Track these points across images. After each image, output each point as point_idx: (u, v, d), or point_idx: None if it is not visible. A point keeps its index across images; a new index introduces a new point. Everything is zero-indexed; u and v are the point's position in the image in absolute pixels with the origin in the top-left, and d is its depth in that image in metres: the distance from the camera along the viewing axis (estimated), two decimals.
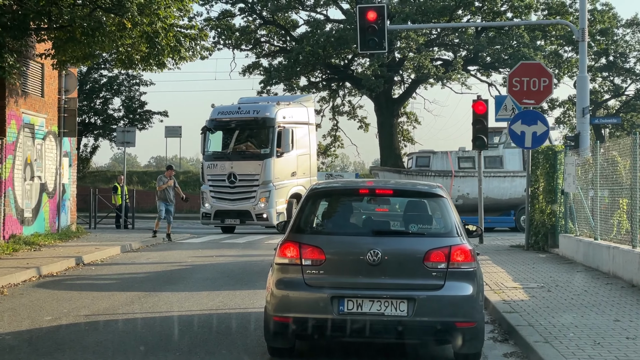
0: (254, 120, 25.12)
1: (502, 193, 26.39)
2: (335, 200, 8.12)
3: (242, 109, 25.54)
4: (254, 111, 25.35)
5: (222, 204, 24.92)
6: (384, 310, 7.06)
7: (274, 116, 24.98)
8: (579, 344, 7.77)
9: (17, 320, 9.49)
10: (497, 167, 28.00)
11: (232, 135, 25.70)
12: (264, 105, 25.81)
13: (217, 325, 9.35)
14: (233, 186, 24.71)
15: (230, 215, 25.02)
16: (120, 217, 27.52)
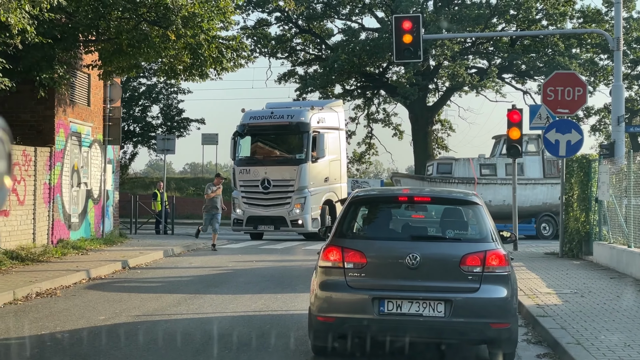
0: (288, 125, 24.71)
1: (523, 200, 26.43)
2: (375, 207, 8.55)
3: (275, 113, 25.15)
4: (288, 116, 24.95)
5: (255, 209, 24.63)
6: (422, 311, 7.45)
7: (308, 121, 24.66)
8: (609, 346, 8.08)
9: (73, 320, 10.04)
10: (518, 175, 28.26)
11: (265, 140, 25.55)
12: (298, 110, 25.36)
13: (262, 326, 9.79)
14: (267, 192, 24.35)
15: (263, 222, 24.73)
16: (160, 222, 28.17)
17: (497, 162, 28.70)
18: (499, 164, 28.67)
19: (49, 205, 17.58)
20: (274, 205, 24.40)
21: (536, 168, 28.55)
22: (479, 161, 28.88)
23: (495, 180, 28.03)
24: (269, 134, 25.47)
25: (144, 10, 16.54)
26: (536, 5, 41.53)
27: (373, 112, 50.17)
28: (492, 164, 28.76)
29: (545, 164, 28.89)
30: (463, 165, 28.99)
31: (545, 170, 28.94)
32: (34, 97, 17.32)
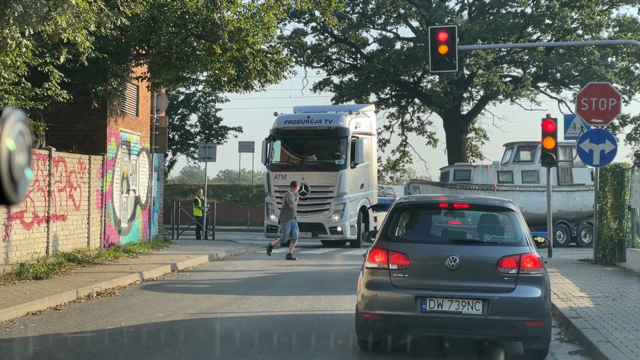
0: (327, 130, 24.26)
1: (540, 207, 26.49)
2: (416, 213, 9.22)
3: (312, 118, 24.65)
4: (327, 120, 24.49)
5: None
6: (462, 309, 8.08)
7: (347, 126, 24.26)
8: (638, 344, 8.63)
9: (134, 316, 10.82)
10: (535, 182, 28.49)
11: (301, 144, 25.15)
12: (337, 115, 24.90)
13: (309, 324, 10.48)
14: (304, 197, 23.59)
15: (300, 228, 22.85)
16: (200, 228, 29.00)
17: (514, 168, 29.04)
18: (516, 170, 29.02)
19: (101, 211, 18.49)
20: (311, 212, 23.90)
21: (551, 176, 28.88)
22: (497, 168, 29.09)
23: (514, 187, 28.36)
24: (306, 138, 25.05)
25: (192, 25, 17.38)
26: (571, 14, 41.80)
27: (407, 120, 50.71)
28: (509, 170, 29.03)
29: (560, 171, 29.12)
30: (482, 172, 29.18)
31: (560, 178, 29.14)
32: (87, 107, 18.25)
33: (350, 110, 25.64)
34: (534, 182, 28.53)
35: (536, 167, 28.71)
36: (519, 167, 28.92)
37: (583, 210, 28.27)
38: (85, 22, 10.85)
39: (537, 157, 29.33)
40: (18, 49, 11.17)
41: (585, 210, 27.92)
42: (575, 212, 28.54)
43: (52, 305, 11.46)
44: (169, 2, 16.93)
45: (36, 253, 15.24)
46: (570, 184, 28.83)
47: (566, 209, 27.97)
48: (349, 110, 25.37)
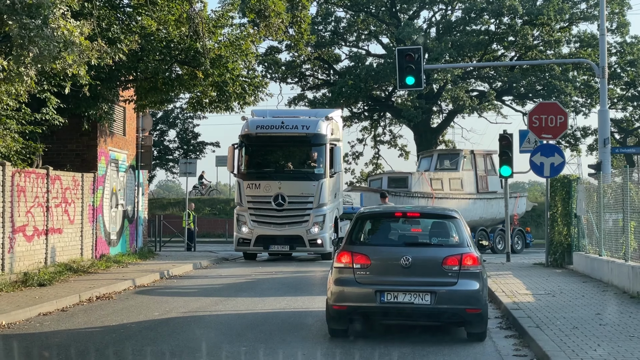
0: (304, 136, 22.83)
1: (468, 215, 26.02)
2: (377, 220, 10.91)
3: (286, 123, 23.10)
4: (303, 126, 22.96)
5: (266, 228, 22.66)
6: (414, 300, 9.75)
7: (325, 132, 22.94)
8: (561, 328, 10.35)
9: (133, 315, 12.37)
10: (459, 189, 29.86)
11: (276, 152, 23.83)
12: (314, 121, 23.31)
13: (286, 319, 12.09)
14: (281, 209, 22.47)
15: (276, 242, 22.76)
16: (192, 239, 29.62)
17: (443, 176, 30.27)
18: (444, 178, 29.95)
19: (93, 225, 19.97)
20: (289, 224, 22.64)
21: (472, 183, 30.22)
22: (429, 175, 29.62)
23: (448, 195, 29.57)
24: (280, 145, 23.53)
25: (176, 53, 18.96)
26: (532, 32, 43.91)
27: (380, 133, 52.52)
28: (439, 178, 29.69)
29: (479, 180, 30.55)
30: (418, 179, 29.53)
31: (479, 186, 30.60)
32: (79, 129, 19.78)
33: (327, 115, 24.24)
34: (458, 190, 29.82)
35: (460, 175, 30.10)
36: (447, 174, 29.93)
37: (497, 217, 29.74)
38: (87, 59, 12.41)
39: (460, 165, 30.76)
40: (23, 80, 12.69)
41: (499, 217, 29.28)
42: (491, 219, 29.94)
43: (59, 307, 12.97)
44: (155, 32, 18.50)
45: (37, 263, 16.72)
46: (486, 191, 30.36)
47: (485, 216, 29.43)
48: (325, 116, 23.97)
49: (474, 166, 30.64)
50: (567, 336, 9.79)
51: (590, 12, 45.34)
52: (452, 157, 31.75)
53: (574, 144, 49.60)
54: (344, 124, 51.24)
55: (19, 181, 16.14)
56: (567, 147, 50.22)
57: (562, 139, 49.19)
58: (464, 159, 30.89)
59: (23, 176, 16.32)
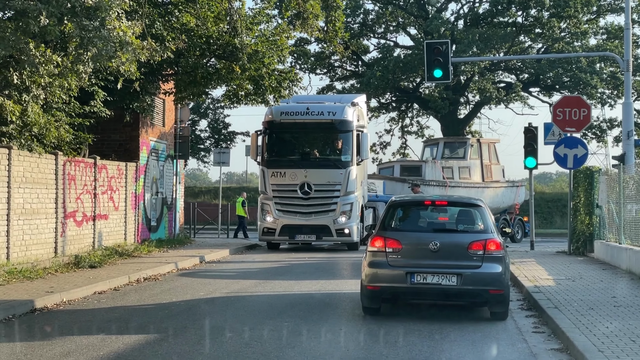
0: (330, 123, 22.31)
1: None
2: (407, 208, 11.80)
3: (311, 109, 22.50)
4: (329, 112, 22.45)
5: (291, 217, 22.22)
6: (441, 281, 10.63)
7: (351, 118, 22.45)
8: (578, 309, 11.17)
9: (180, 295, 13.38)
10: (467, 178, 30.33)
11: (301, 139, 23.26)
12: (340, 107, 22.80)
13: (322, 300, 13.03)
14: (307, 197, 22.05)
15: (302, 231, 22.30)
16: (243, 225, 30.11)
17: (453, 165, 30.80)
18: (454, 167, 30.46)
19: (135, 211, 21.06)
20: (316, 213, 22.19)
21: (478, 172, 30.66)
22: (441, 164, 30.08)
23: (459, 183, 30.17)
24: (306, 132, 22.95)
25: (215, 48, 19.93)
26: (560, 24, 44.32)
27: (407, 124, 53.28)
28: (450, 167, 30.15)
29: (484, 168, 31.00)
30: (432, 167, 29.95)
31: (484, 175, 31.06)
32: (122, 120, 20.82)
33: (352, 101, 23.71)
34: (466, 178, 30.31)
35: (468, 164, 30.54)
36: (456, 163, 30.40)
37: (502, 206, 30.39)
38: (138, 57, 13.40)
39: (467, 154, 31.20)
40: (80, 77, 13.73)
41: (503, 206, 29.97)
42: (496, 207, 30.33)
43: (111, 287, 14.03)
44: (195, 28, 19.47)
45: (86, 247, 17.83)
46: (491, 180, 30.94)
47: (491, 205, 30.21)
48: (351, 102, 23.43)
49: (479, 155, 31.16)
50: (583, 315, 10.62)
51: (617, 4, 45.63)
52: (459, 145, 32.09)
53: (600, 135, 49.94)
54: (372, 114, 52.19)
55: (70, 170, 17.23)
56: (593, 139, 50.61)
57: (589, 130, 49.62)
58: (471, 147, 31.35)
59: (73, 165, 17.41)
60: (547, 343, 9.41)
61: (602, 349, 8.28)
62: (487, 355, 8.74)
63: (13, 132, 15.15)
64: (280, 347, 8.98)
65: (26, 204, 15.32)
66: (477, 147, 31.42)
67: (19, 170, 15.02)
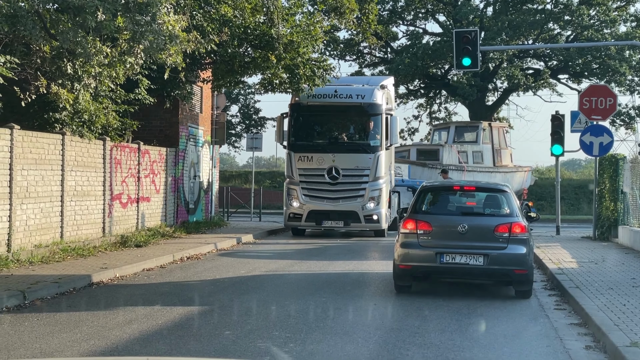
0: (359, 106, 21.78)
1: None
2: (437, 193, 12.58)
3: (339, 92, 21.94)
4: (358, 95, 21.94)
5: (318, 203, 21.75)
6: (469, 261, 11.41)
7: (380, 102, 21.86)
8: (598, 289, 11.89)
9: (223, 272, 14.28)
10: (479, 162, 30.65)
11: (328, 122, 22.69)
12: (369, 90, 22.22)
13: (356, 279, 13.85)
14: (335, 182, 21.56)
15: (330, 217, 21.80)
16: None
17: (467, 149, 31.03)
18: (469, 151, 30.64)
19: (174, 194, 22.01)
20: (343, 198, 21.73)
21: (490, 157, 30.92)
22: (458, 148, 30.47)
23: (476, 168, 30.50)
24: (334, 115, 22.42)
25: (252, 38, 20.73)
26: (589, 12, 44.54)
27: (435, 110, 53.83)
28: (464, 151, 30.37)
29: (495, 153, 31.20)
30: (448, 152, 30.15)
31: (495, 160, 31.29)
32: (162, 107, 21.70)
33: (381, 84, 22.94)
34: (479, 163, 30.60)
35: (481, 148, 30.78)
36: (470, 147, 30.66)
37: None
38: (185, 49, 14.25)
39: (480, 138, 31.42)
40: (133, 68, 14.62)
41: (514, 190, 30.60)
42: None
43: (158, 264, 14.97)
44: (233, 19, 20.27)
45: (130, 227, 18.82)
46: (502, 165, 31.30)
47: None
48: (380, 85, 22.74)
49: (491, 139, 31.51)
50: (602, 294, 11.34)
51: None
52: (472, 129, 32.35)
53: (628, 122, 50.14)
54: (400, 100, 52.84)
55: (116, 154, 18.19)
56: (621, 126, 50.81)
57: (617, 117, 49.85)
58: (484, 131, 31.68)
59: (119, 150, 18.37)
60: (567, 319, 10.15)
61: (617, 323, 9.01)
62: (511, 328, 9.50)
63: (65, 119, 16.10)
64: (321, 319, 9.83)
65: (77, 187, 16.30)
66: (488, 131, 31.75)
67: (71, 155, 15.99)
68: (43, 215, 14.94)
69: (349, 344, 8.31)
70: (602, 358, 7.97)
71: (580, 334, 9.14)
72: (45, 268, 13.14)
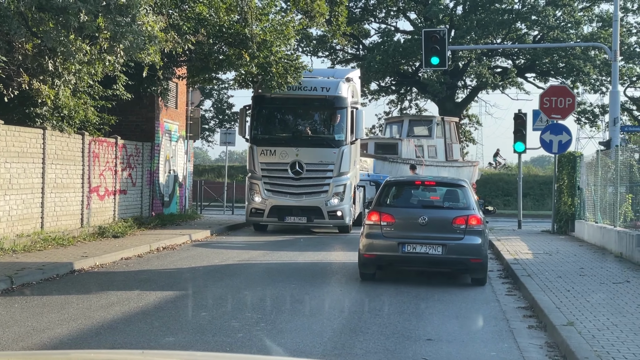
0: (323, 99, 21.34)
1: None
2: (400, 187, 13.45)
3: (304, 84, 21.51)
4: (323, 88, 21.49)
5: (281, 198, 21.23)
6: (429, 251, 12.28)
7: (346, 95, 21.37)
8: (548, 277, 12.82)
9: (198, 261, 15.03)
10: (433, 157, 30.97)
11: (292, 115, 22.17)
12: (334, 82, 21.74)
13: (324, 267, 14.69)
14: (298, 177, 21.06)
15: (292, 212, 21.31)
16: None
17: (423, 143, 31.36)
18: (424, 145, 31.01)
19: (150, 187, 22.68)
20: (307, 194, 21.23)
21: (443, 151, 31.45)
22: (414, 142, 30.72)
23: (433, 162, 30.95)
24: (297, 108, 21.90)
25: (226, 36, 21.44)
26: (554, 12, 45.77)
27: (406, 106, 54.85)
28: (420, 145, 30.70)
29: (447, 147, 31.54)
30: (407, 146, 30.35)
31: (447, 155, 31.97)
32: (139, 103, 22.33)
33: (347, 76, 22.46)
34: (433, 157, 31.15)
35: (435, 143, 31.36)
36: (426, 142, 31.11)
37: None
38: (163, 48, 14.97)
39: (434, 132, 31.94)
40: (103, 63, 15.29)
41: None
42: None
43: (135, 254, 15.68)
44: (208, 18, 20.95)
45: (107, 219, 19.47)
46: (452, 160, 32.09)
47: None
48: (345, 77, 22.29)
49: (444, 134, 32.19)
50: (551, 282, 12.27)
51: None
52: (426, 123, 32.79)
53: (593, 120, 51.52)
54: (372, 97, 53.80)
55: (94, 148, 18.83)
56: (586, 124, 52.24)
57: (582, 115, 51.24)
58: (437, 126, 32.28)
59: (97, 144, 19.01)
60: (516, 303, 11.07)
61: (559, 306, 9.92)
62: (463, 310, 10.38)
63: (46, 114, 16.72)
64: (290, 302, 10.64)
65: (57, 179, 16.94)
66: (442, 125, 32.34)
67: (51, 149, 16.63)
68: (25, 206, 15.58)
69: (315, 324, 9.13)
70: (541, 335, 8.86)
71: (525, 316, 10.04)
72: (29, 256, 13.81)
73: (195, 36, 17.67)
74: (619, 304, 10.19)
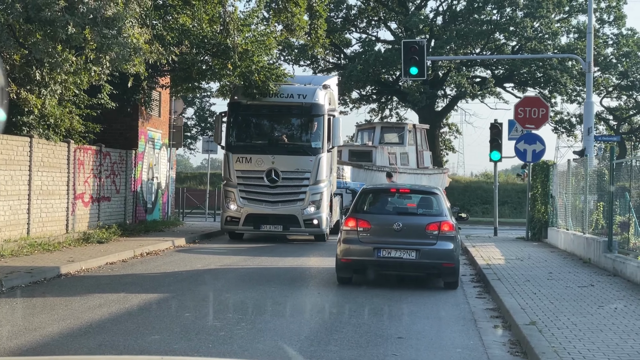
0: (300, 106, 21.26)
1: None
2: (377, 194, 14.01)
3: (280, 91, 21.51)
4: (299, 95, 21.45)
5: (257, 206, 21.03)
6: (403, 256, 12.82)
7: (323, 102, 21.31)
8: (517, 281, 13.40)
9: (180, 266, 15.49)
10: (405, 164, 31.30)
11: (268, 122, 22.07)
12: (311, 89, 21.69)
13: (303, 272, 15.19)
14: (274, 185, 20.87)
15: (268, 221, 21.10)
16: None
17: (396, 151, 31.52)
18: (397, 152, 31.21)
19: (133, 194, 23.10)
20: (283, 202, 21.05)
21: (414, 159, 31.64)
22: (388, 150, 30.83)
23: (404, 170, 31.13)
24: (274, 115, 21.84)
25: (209, 47, 21.94)
26: (532, 24, 46.68)
27: (387, 115, 55.57)
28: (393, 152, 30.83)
29: (418, 155, 31.82)
30: (381, 154, 30.54)
31: (418, 162, 32.28)
32: (123, 111, 22.77)
33: (324, 83, 22.41)
34: (405, 165, 31.53)
35: (407, 150, 31.76)
36: (399, 149, 31.37)
37: None
38: (148, 59, 15.44)
39: (406, 140, 32.31)
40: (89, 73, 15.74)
41: None
42: None
43: (120, 259, 16.11)
44: (192, 29, 21.45)
45: (92, 225, 19.87)
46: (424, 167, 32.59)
47: None
48: (322, 84, 22.23)
49: (415, 141, 32.64)
50: (519, 285, 12.85)
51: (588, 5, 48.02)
52: (398, 130, 33.11)
53: (570, 129, 52.45)
54: (353, 105, 54.43)
55: (79, 156, 19.25)
56: (563, 133, 53.19)
57: (559, 125, 52.18)
58: (409, 133, 32.69)
59: (82, 152, 19.42)
60: (485, 305, 11.63)
61: (524, 307, 10.49)
62: (434, 312, 10.93)
63: (33, 122, 17.14)
64: (270, 304, 11.14)
65: (43, 186, 17.34)
66: (413, 132, 32.72)
67: (38, 156, 17.03)
68: (12, 212, 15.98)
69: (293, 324, 9.63)
70: (506, 334, 9.42)
71: (492, 316, 10.61)
72: (16, 260, 14.22)
73: (179, 47, 18.13)
74: (581, 306, 10.78)
